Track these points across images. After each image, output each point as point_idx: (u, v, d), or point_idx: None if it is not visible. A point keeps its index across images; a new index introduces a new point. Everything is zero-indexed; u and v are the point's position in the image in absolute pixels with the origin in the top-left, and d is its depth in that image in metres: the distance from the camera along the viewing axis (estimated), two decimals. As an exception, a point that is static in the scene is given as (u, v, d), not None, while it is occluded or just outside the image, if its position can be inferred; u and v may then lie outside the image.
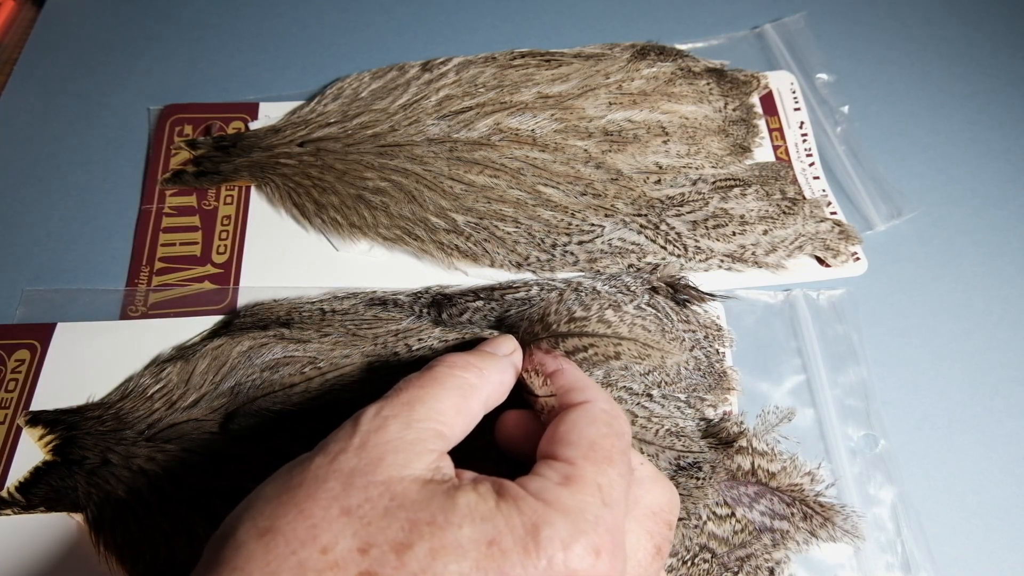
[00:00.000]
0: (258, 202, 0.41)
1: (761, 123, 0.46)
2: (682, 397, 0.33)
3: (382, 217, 0.39)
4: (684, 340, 0.35)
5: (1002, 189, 0.44)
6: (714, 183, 0.41)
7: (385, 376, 0.32)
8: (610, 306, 0.34)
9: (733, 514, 0.32)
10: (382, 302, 0.36)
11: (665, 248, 0.39)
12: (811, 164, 0.44)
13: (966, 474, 0.35)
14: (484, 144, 0.40)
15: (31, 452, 0.32)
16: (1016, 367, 0.38)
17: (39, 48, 0.48)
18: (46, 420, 0.32)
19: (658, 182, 0.40)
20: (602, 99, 0.43)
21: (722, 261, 0.39)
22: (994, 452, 0.35)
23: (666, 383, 0.33)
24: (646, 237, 0.39)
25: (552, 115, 0.42)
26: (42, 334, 0.35)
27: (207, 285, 0.38)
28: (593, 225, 0.39)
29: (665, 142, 0.42)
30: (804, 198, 0.42)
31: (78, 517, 0.31)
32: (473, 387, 0.25)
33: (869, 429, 0.35)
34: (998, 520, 0.34)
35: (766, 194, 0.41)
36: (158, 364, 0.34)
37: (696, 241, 0.39)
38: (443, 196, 0.39)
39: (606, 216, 0.39)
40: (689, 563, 0.30)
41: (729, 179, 0.41)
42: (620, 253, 0.39)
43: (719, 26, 0.51)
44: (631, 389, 0.32)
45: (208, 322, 0.36)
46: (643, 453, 0.30)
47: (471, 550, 0.18)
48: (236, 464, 0.31)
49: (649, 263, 0.38)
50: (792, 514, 0.32)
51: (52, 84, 0.46)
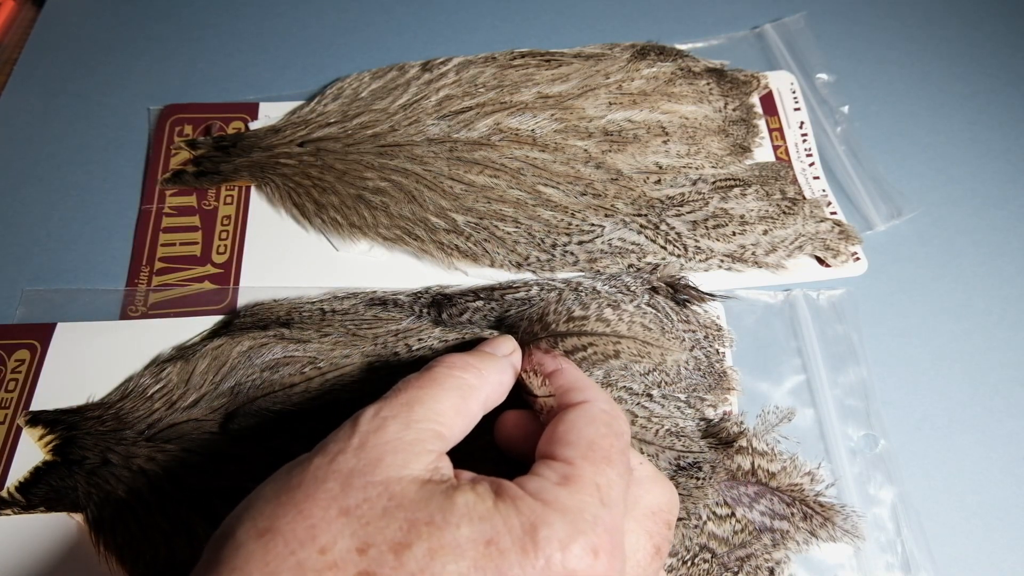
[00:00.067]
0: (258, 202, 0.41)
1: (761, 123, 0.45)
2: (682, 397, 0.33)
3: (382, 217, 0.39)
4: (684, 340, 0.35)
5: (1002, 189, 0.44)
6: (714, 183, 0.41)
7: (385, 376, 0.32)
8: (609, 305, 0.34)
9: (733, 514, 0.32)
10: (382, 302, 0.36)
11: (665, 248, 0.39)
12: (811, 164, 0.44)
13: (966, 474, 0.35)
14: (484, 144, 0.40)
15: (31, 452, 0.32)
16: (1016, 367, 0.38)
17: (39, 48, 0.48)
18: (46, 420, 0.32)
19: (658, 182, 0.40)
20: (602, 99, 0.43)
21: (722, 261, 0.39)
22: (994, 452, 0.35)
23: (666, 383, 0.33)
24: (646, 237, 0.39)
25: (552, 115, 0.42)
26: (42, 334, 0.36)
27: (207, 285, 0.38)
28: (593, 225, 0.39)
29: (665, 142, 0.42)
30: (804, 198, 0.42)
31: (78, 517, 0.31)
32: (472, 388, 0.25)
33: (869, 429, 0.35)
34: (998, 520, 0.34)
35: (766, 194, 0.41)
36: (158, 364, 0.34)
37: (696, 241, 0.39)
38: (443, 196, 0.39)
39: (606, 216, 0.39)
40: (689, 563, 0.30)
41: (729, 179, 0.41)
42: (620, 253, 0.39)
43: (719, 26, 0.51)
44: (631, 389, 0.32)
45: (208, 322, 0.36)
46: (643, 453, 0.30)
47: (469, 550, 0.18)
48: (236, 464, 0.31)
49: (649, 263, 0.38)
50: (792, 514, 0.32)
51: (52, 84, 0.46)
